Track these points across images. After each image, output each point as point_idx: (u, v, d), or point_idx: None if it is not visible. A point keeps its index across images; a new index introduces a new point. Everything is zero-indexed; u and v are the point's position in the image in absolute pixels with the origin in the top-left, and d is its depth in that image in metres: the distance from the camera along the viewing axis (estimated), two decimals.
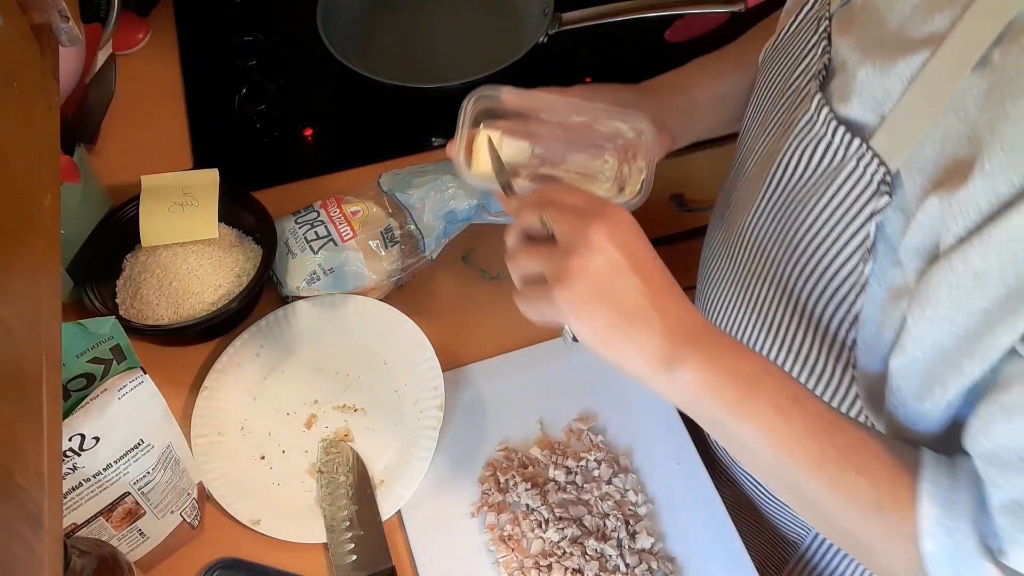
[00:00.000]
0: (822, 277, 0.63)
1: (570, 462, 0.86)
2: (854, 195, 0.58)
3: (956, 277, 0.49)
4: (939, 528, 0.51)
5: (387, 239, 0.97)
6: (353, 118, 1.17)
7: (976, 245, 0.48)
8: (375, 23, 1.22)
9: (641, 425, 0.89)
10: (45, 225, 0.50)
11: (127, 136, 1.13)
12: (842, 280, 0.61)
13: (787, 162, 0.65)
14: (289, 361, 0.94)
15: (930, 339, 0.52)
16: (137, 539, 0.76)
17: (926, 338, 0.52)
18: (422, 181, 1.00)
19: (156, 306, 0.92)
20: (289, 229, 0.97)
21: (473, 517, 0.84)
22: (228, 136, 1.15)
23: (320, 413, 0.90)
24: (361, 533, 0.82)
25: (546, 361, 0.94)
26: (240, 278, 0.95)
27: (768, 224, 0.69)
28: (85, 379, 0.71)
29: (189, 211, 0.96)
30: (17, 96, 0.50)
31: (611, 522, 0.82)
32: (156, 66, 1.22)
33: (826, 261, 0.62)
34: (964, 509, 0.51)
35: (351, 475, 0.85)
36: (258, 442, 0.89)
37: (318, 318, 0.95)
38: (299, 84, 1.20)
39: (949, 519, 0.51)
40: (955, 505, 0.51)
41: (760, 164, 0.71)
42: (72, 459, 0.66)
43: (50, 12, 0.56)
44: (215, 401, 0.90)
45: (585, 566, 0.80)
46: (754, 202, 0.70)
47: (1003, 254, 0.47)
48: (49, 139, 0.55)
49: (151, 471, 0.72)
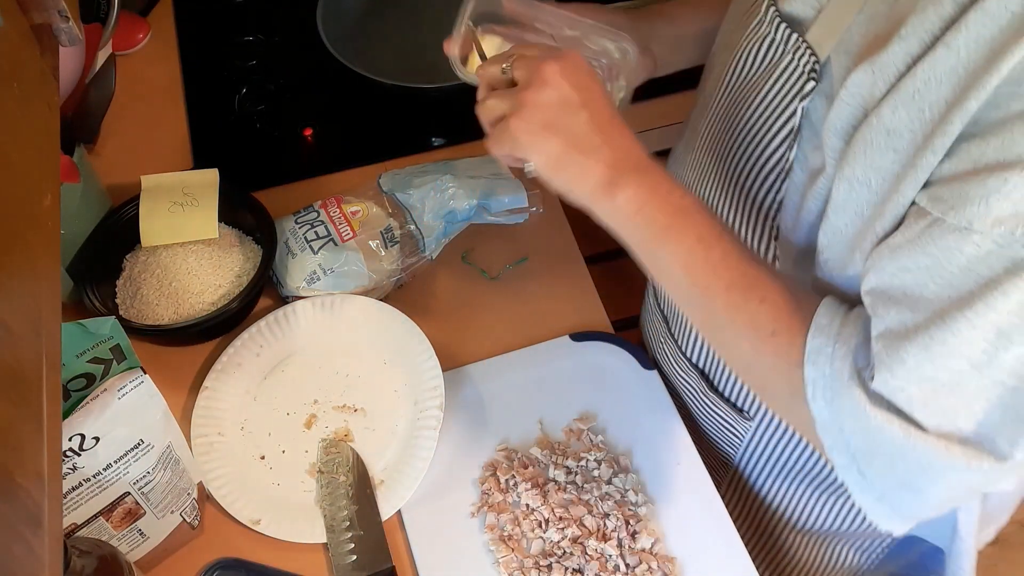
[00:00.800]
0: (755, 166, 0.67)
1: (570, 462, 0.86)
2: (787, 86, 0.63)
3: (871, 134, 0.52)
4: (822, 356, 0.55)
5: (387, 239, 0.97)
6: (353, 118, 1.17)
7: (889, 101, 0.51)
8: (375, 23, 1.22)
9: (641, 425, 0.89)
10: (45, 225, 0.50)
11: (127, 136, 1.13)
12: (771, 167, 0.65)
13: (737, 61, 0.69)
14: (289, 361, 0.94)
15: (851, 206, 0.56)
16: (137, 539, 0.76)
17: (847, 205, 0.56)
18: (422, 181, 1.00)
19: (156, 306, 0.92)
20: (289, 229, 0.97)
21: (473, 517, 0.84)
22: (228, 136, 1.15)
23: (320, 413, 0.90)
24: (361, 533, 0.82)
25: (546, 361, 0.94)
26: (240, 278, 0.95)
27: (717, 121, 0.73)
28: (85, 379, 0.71)
29: (189, 211, 0.96)
30: (17, 96, 0.50)
31: (611, 522, 0.82)
32: (156, 66, 1.22)
33: (759, 150, 0.66)
34: (847, 343, 0.55)
35: (351, 475, 0.85)
36: (258, 442, 0.89)
37: (318, 318, 0.95)
38: (299, 84, 1.20)
39: (831, 348, 0.55)
40: (840, 338, 0.55)
41: (717, 69, 0.75)
42: (72, 459, 0.66)
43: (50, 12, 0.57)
44: (215, 401, 0.90)
45: (585, 566, 0.80)
46: (709, 104, 0.75)
47: (911, 109, 0.50)
48: (49, 139, 0.55)
49: (151, 471, 0.72)
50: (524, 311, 0.98)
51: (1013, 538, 1.72)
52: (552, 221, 1.04)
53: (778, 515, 0.92)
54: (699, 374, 0.87)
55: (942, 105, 0.49)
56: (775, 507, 0.91)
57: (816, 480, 0.85)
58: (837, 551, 0.94)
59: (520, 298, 0.99)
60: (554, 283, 1.00)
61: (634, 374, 0.93)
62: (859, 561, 0.95)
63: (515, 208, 1.01)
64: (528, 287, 1.00)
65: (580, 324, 0.97)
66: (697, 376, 0.88)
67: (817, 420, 0.56)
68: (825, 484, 0.85)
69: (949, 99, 0.48)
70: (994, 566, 1.69)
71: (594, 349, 0.95)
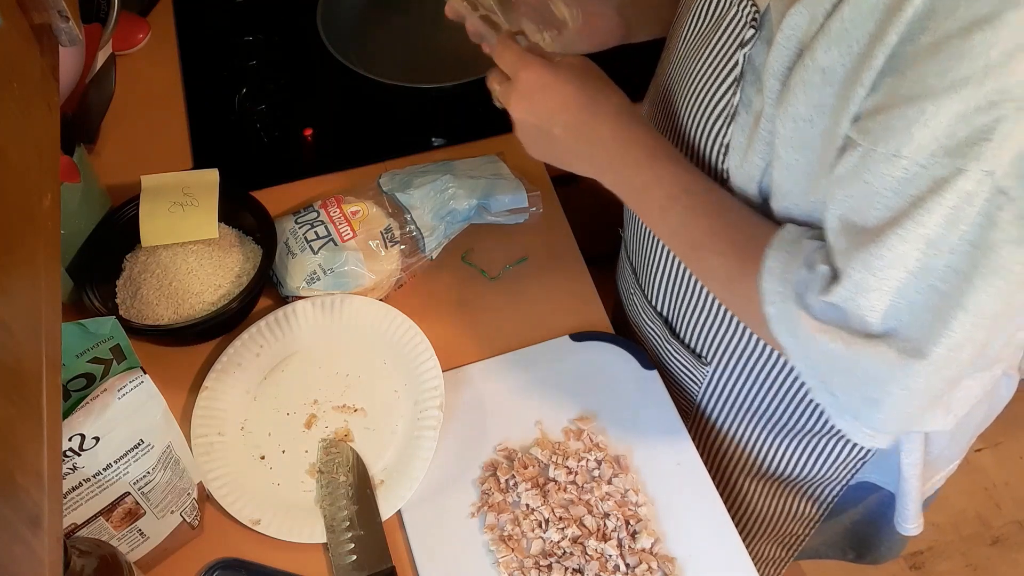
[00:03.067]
0: (703, 113, 0.71)
1: (570, 462, 0.86)
2: (731, 36, 0.67)
3: (808, 74, 0.56)
4: (776, 296, 0.61)
5: (387, 239, 0.97)
6: (353, 118, 1.17)
7: (821, 40, 0.55)
8: (375, 23, 1.22)
9: (641, 425, 0.89)
10: (45, 225, 0.50)
11: (127, 136, 1.13)
12: (718, 113, 0.69)
13: (693, 17, 0.73)
14: (289, 361, 0.94)
15: (798, 142, 0.60)
16: (137, 539, 0.76)
17: (795, 142, 0.60)
18: (422, 181, 1.00)
19: (156, 306, 0.92)
20: (289, 229, 0.97)
21: (473, 517, 0.84)
22: (228, 136, 1.15)
23: (320, 413, 0.90)
24: (361, 533, 0.82)
25: (546, 361, 0.94)
26: (240, 278, 0.95)
27: (672, 75, 0.77)
28: (85, 379, 0.71)
29: (189, 211, 0.96)
30: (17, 96, 0.50)
31: (611, 522, 0.82)
32: (156, 66, 1.22)
33: (707, 98, 0.70)
34: (793, 278, 0.60)
35: (351, 475, 0.85)
36: (258, 442, 0.89)
37: (318, 318, 0.95)
38: (299, 84, 1.20)
39: (781, 287, 0.60)
40: (785, 277, 0.60)
41: (678, 28, 0.78)
42: (72, 459, 0.66)
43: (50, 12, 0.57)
44: (215, 401, 0.90)
45: (585, 566, 0.80)
46: (670, 59, 0.78)
47: (840, 46, 0.54)
48: (49, 139, 0.55)
49: (151, 471, 0.72)
50: (524, 311, 0.98)
51: (1013, 538, 1.72)
52: (552, 221, 1.04)
53: (736, 458, 0.96)
54: (663, 321, 0.91)
55: (867, 40, 0.52)
56: (734, 450, 0.96)
57: (771, 423, 0.89)
58: (790, 502, 0.99)
59: (520, 298, 0.99)
60: (554, 283, 1.00)
61: (634, 374, 0.93)
62: (811, 511, 0.99)
63: (515, 208, 1.01)
64: (528, 287, 1.00)
65: (580, 324, 0.97)
66: (661, 323, 0.92)
67: (787, 351, 0.62)
68: (779, 427, 0.89)
69: (873, 34, 0.52)
70: (994, 566, 1.69)
71: (594, 349, 0.95)
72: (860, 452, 0.88)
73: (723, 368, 0.87)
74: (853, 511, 1.00)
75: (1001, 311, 0.53)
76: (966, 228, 0.51)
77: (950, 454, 0.90)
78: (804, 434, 0.88)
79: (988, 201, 0.50)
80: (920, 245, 0.52)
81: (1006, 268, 0.51)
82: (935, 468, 0.90)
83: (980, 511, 1.74)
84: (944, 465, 0.91)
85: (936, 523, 1.73)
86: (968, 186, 0.50)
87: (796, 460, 0.92)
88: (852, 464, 0.90)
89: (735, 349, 0.84)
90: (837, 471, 0.92)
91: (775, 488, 0.98)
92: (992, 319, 0.53)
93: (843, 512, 1.01)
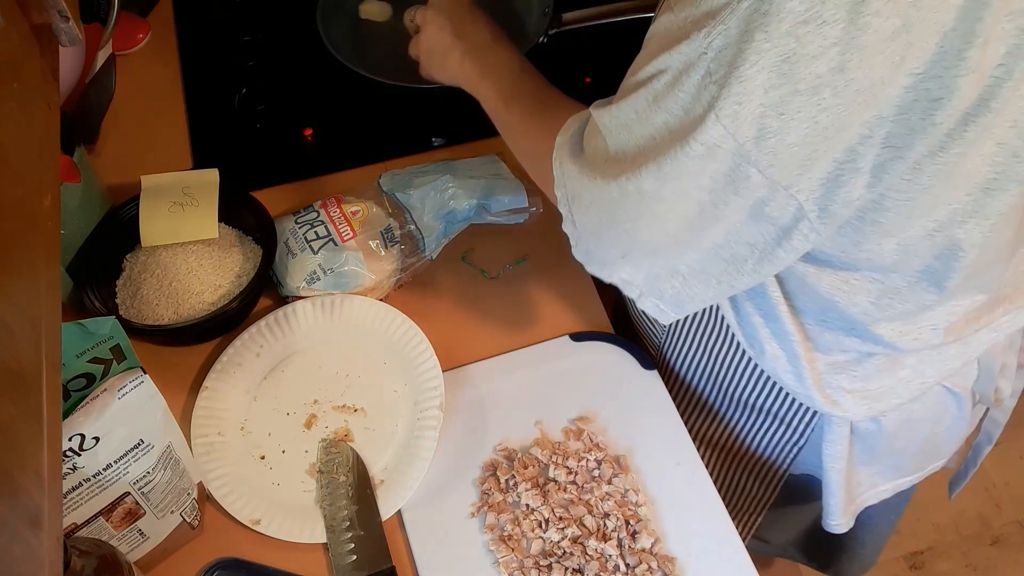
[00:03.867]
0: None
1: (570, 462, 0.86)
2: None
3: None
4: (559, 151, 0.71)
5: (387, 239, 0.97)
6: (353, 118, 1.17)
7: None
8: (375, 23, 1.22)
9: (641, 425, 0.89)
10: (45, 225, 0.50)
11: (127, 136, 1.13)
12: None
13: None
14: (289, 361, 0.94)
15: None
16: (137, 539, 0.76)
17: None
18: (422, 181, 1.00)
19: (156, 306, 0.92)
20: (289, 229, 0.97)
21: (473, 517, 0.84)
22: (228, 136, 1.15)
23: (320, 413, 0.90)
24: (361, 533, 0.82)
25: (546, 361, 0.94)
26: (240, 278, 0.95)
27: None
28: (85, 379, 0.71)
29: (189, 211, 0.96)
30: (17, 96, 0.50)
31: (611, 522, 0.82)
32: (156, 66, 1.22)
33: None
34: (568, 133, 0.71)
35: (351, 475, 0.85)
36: (258, 442, 0.89)
37: (318, 318, 0.95)
38: (299, 84, 1.20)
39: (561, 140, 0.71)
40: (565, 135, 0.71)
41: None
42: (72, 459, 0.66)
43: (50, 12, 0.56)
44: (215, 401, 0.90)
45: (585, 566, 0.80)
46: None
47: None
48: (49, 139, 0.55)
49: (151, 471, 0.72)
50: (524, 311, 0.98)
51: (1013, 538, 1.72)
52: (552, 221, 1.03)
53: (696, 426, 1.02)
54: None
55: None
56: (695, 416, 1.01)
57: (720, 389, 0.94)
58: (740, 478, 1.03)
59: (520, 298, 0.99)
60: (554, 283, 1.00)
61: (634, 374, 0.93)
62: (759, 491, 1.03)
63: (515, 208, 1.01)
64: (528, 287, 1.00)
65: (580, 324, 0.97)
66: None
67: (559, 197, 0.71)
68: (727, 396, 0.94)
69: None
70: (994, 566, 1.69)
71: (594, 349, 0.95)
72: (794, 436, 0.91)
73: (679, 323, 0.92)
74: (809, 508, 1.03)
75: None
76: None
77: (897, 464, 0.92)
78: (748, 408, 0.92)
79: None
80: (650, 95, 0.59)
81: None
82: (880, 476, 0.93)
83: (980, 511, 1.74)
84: (891, 475, 0.93)
85: (936, 523, 1.73)
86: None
87: (741, 433, 0.97)
88: (788, 448, 0.93)
89: None
90: (777, 453, 0.95)
91: (728, 461, 1.02)
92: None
93: (798, 504, 1.04)
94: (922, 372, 0.80)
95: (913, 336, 0.74)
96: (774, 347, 0.82)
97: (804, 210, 0.58)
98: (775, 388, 0.88)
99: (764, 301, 0.79)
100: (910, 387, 0.80)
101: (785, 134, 0.53)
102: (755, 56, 0.51)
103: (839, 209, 0.58)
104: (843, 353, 0.79)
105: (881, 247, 0.64)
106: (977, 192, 0.59)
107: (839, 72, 0.50)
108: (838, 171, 0.56)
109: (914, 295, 0.70)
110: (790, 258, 0.62)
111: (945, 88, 0.52)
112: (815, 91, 0.51)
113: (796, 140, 0.53)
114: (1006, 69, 0.52)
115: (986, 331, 0.78)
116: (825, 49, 0.50)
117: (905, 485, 0.96)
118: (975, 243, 0.63)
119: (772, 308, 0.78)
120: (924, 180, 0.57)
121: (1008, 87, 0.53)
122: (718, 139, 0.54)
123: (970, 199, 0.60)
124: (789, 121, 0.53)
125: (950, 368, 0.80)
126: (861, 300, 0.72)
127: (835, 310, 0.74)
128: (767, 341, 0.82)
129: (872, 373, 0.79)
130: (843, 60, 0.50)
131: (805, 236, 0.60)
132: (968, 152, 0.56)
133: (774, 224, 0.59)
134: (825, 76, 0.51)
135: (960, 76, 0.51)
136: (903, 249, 0.64)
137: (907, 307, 0.71)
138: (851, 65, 0.50)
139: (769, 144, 0.54)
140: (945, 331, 0.74)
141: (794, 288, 0.76)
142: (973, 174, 0.58)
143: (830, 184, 0.57)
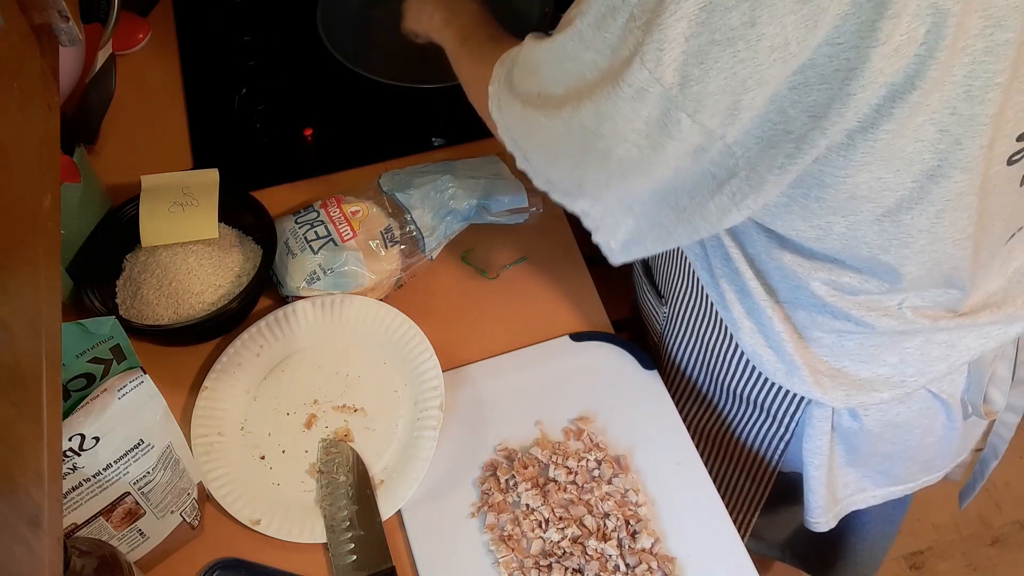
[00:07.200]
0: None
1: (570, 462, 0.86)
2: None
3: None
4: (498, 92, 0.73)
5: (387, 239, 0.97)
6: (353, 118, 1.17)
7: None
8: (375, 23, 1.22)
9: (641, 425, 0.89)
10: (45, 225, 0.50)
11: (127, 136, 1.13)
12: None
13: None
14: (289, 361, 0.94)
15: None
16: (137, 539, 0.76)
17: None
18: (422, 181, 1.00)
19: (156, 306, 0.92)
20: (289, 229, 0.97)
21: (473, 517, 0.84)
22: (228, 136, 1.15)
23: (320, 413, 0.90)
24: (361, 533, 0.82)
25: (546, 361, 0.94)
26: (240, 278, 0.95)
27: None
28: (85, 379, 0.71)
29: (189, 211, 0.96)
30: (17, 96, 0.50)
31: (611, 522, 0.82)
32: (156, 66, 1.22)
33: None
34: (502, 73, 0.73)
35: (351, 475, 0.85)
36: (258, 442, 0.89)
37: (318, 318, 0.95)
38: (299, 84, 1.20)
39: (496, 85, 0.74)
40: (499, 74, 0.73)
41: None
42: (72, 459, 0.66)
43: (50, 12, 0.56)
44: (215, 401, 0.90)
45: (585, 566, 0.80)
46: None
47: None
48: (49, 139, 0.55)
49: (151, 471, 0.72)
50: (524, 311, 0.98)
51: (1013, 538, 1.72)
52: (552, 221, 1.04)
53: (694, 420, 1.02)
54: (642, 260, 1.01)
55: None
56: (689, 392, 1.01)
57: (715, 378, 0.94)
58: (734, 475, 1.04)
59: (520, 298, 0.99)
60: (554, 283, 1.00)
61: (634, 374, 0.93)
62: (752, 489, 1.03)
63: (515, 208, 1.01)
64: (528, 287, 1.00)
65: (580, 324, 0.97)
66: (640, 260, 1.01)
67: (498, 125, 0.73)
68: (721, 385, 0.94)
69: None
70: (994, 566, 1.69)
71: (594, 349, 0.95)
72: (780, 429, 0.92)
73: (679, 307, 0.94)
74: (799, 509, 1.02)
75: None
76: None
77: (887, 470, 0.92)
78: (738, 399, 0.93)
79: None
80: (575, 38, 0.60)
81: None
82: (869, 480, 0.93)
83: (980, 511, 1.74)
84: (881, 482, 0.94)
85: (936, 523, 1.73)
86: None
87: (733, 423, 0.98)
88: (776, 443, 0.94)
89: (683, 293, 0.92)
90: (765, 447, 0.95)
91: (721, 454, 1.03)
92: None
93: (790, 504, 1.05)
94: (903, 371, 0.80)
95: (882, 313, 0.75)
96: (750, 324, 0.83)
97: (738, 167, 0.60)
98: (761, 377, 0.88)
99: (737, 278, 0.81)
100: (890, 384, 0.81)
101: (707, 82, 0.55)
102: (675, 5, 0.53)
103: (767, 174, 0.59)
104: (818, 330, 0.80)
105: (831, 226, 0.66)
106: (923, 179, 0.61)
107: (751, 27, 0.52)
108: (772, 131, 0.57)
109: (872, 278, 0.72)
110: (719, 218, 0.64)
111: (860, 59, 0.53)
112: (730, 42, 0.53)
113: (717, 89, 0.55)
114: (927, 47, 0.53)
115: (972, 335, 0.79)
116: (738, 2, 0.52)
117: (897, 494, 0.96)
118: (922, 229, 0.65)
119: (744, 284, 0.80)
120: (858, 156, 0.59)
121: (933, 68, 0.54)
122: (644, 83, 0.56)
123: (916, 186, 0.61)
124: (708, 70, 0.54)
125: (934, 371, 0.80)
126: (823, 276, 0.74)
127: (802, 288, 0.76)
128: (743, 319, 0.83)
129: (852, 352, 0.80)
130: (754, 15, 0.52)
131: (733, 195, 0.61)
132: (901, 131, 0.57)
133: (714, 177, 0.61)
134: (738, 29, 0.52)
135: (872, 47, 0.52)
136: (852, 232, 0.66)
137: (867, 287, 0.73)
138: (761, 20, 0.52)
139: (693, 91, 0.56)
140: (913, 311, 0.75)
141: (764, 265, 0.78)
142: (915, 160, 0.60)
143: (763, 144, 0.58)
